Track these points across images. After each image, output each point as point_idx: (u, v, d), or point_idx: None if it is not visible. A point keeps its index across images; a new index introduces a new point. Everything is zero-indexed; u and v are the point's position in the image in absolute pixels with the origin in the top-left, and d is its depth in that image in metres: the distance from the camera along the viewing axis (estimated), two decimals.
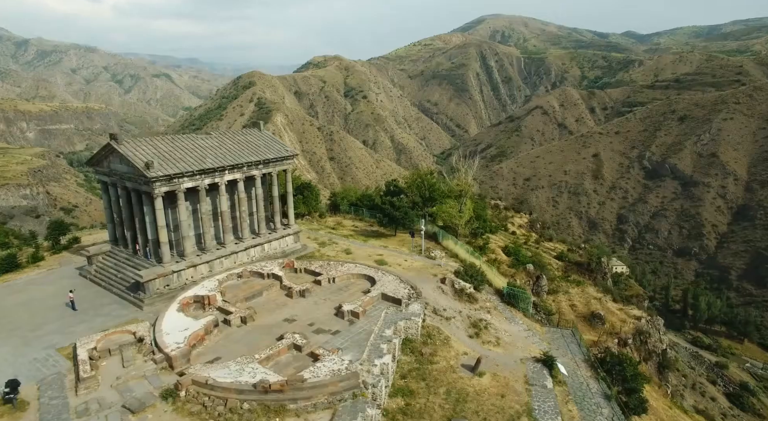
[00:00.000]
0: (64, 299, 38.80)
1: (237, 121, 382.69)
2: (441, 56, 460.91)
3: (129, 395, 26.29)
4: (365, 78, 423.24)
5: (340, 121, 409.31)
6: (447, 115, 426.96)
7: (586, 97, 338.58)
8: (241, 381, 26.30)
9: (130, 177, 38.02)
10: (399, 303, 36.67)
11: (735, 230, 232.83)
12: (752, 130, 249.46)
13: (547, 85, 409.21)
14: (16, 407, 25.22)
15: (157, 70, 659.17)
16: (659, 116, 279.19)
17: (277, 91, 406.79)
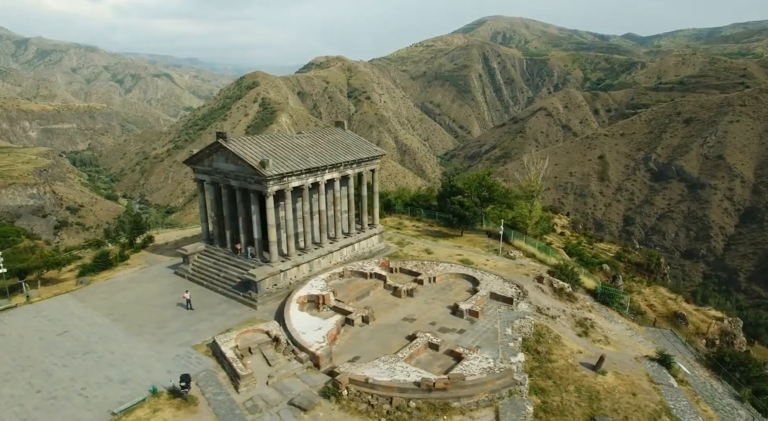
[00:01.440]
0: (170, 298, 39.28)
1: (241, 122, 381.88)
2: (443, 57, 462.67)
3: (290, 393, 26.84)
4: (368, 79, 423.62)
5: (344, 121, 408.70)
6: (450, 116, 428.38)
7: (590, 98, 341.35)
8: (400, 379, 26.84)
9: (238, 175, 38.40)
10: (509, 302, 37.35)
11: (743, 232, 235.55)
12: (758, 132, 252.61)
13: (549, 86, 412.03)
14: (188, 401, 25.61)
15: (158, 70, 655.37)
16: (664, 118, 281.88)
17: (281, 92, 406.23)
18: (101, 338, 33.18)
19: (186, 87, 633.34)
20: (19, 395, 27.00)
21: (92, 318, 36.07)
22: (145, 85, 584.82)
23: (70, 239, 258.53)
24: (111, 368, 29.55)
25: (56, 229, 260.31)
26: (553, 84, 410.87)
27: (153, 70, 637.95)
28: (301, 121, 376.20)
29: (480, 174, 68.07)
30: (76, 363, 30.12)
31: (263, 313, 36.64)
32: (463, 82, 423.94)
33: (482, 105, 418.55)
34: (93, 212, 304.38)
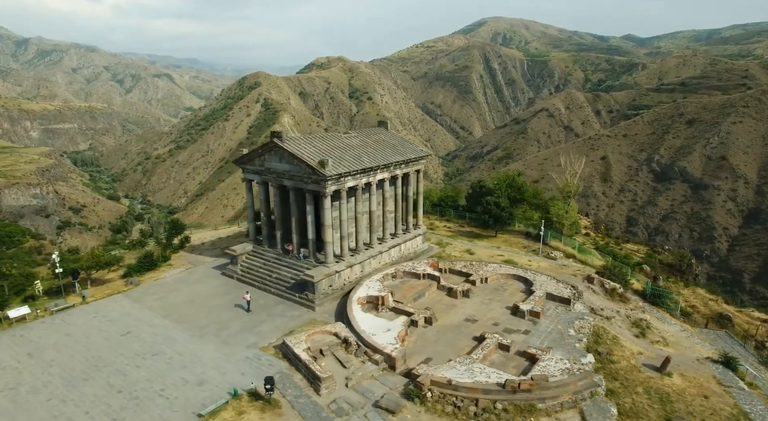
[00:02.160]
0: (223, 299, 39.24)
1: (243, 122, 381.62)
2: (444, 58, 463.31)
3: (371, 395, 26.82)
4: (369, 79, 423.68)
5: (346, 122, 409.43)
6: (451, 117, 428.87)
7: (592, 99, 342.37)
8: (482, 381, 26.83)
9: (293, 175, 38.31)
10: (566, 303, 37.41)
11: (747, 233, 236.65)
12: (762, 133, 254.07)
13: (550, 87, 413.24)
14: (271, 404, 25.52)
15: (158, 70, 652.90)
16: (667, 119, 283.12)
17: (283, 92, 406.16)
18: (165, 339, 33.03)
19: (186, 87, 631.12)
20: (102, 395, 26.89)
21: (151, 319, 35.91)
22: (146, 86, 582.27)
23: (73, 239, 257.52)
24: (184, 369, 29.42)
25: (59, 229, 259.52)
26: (554, 85, 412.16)
27: (153, 71, 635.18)
28: (303, 122, 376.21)
29: (510, 174, 68.35)
30: (147, 364, 29.99)
31: (322, 314, 36.57)
32: (464, 83, 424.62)
33: (483, 106, 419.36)
34: (95, 212, 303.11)
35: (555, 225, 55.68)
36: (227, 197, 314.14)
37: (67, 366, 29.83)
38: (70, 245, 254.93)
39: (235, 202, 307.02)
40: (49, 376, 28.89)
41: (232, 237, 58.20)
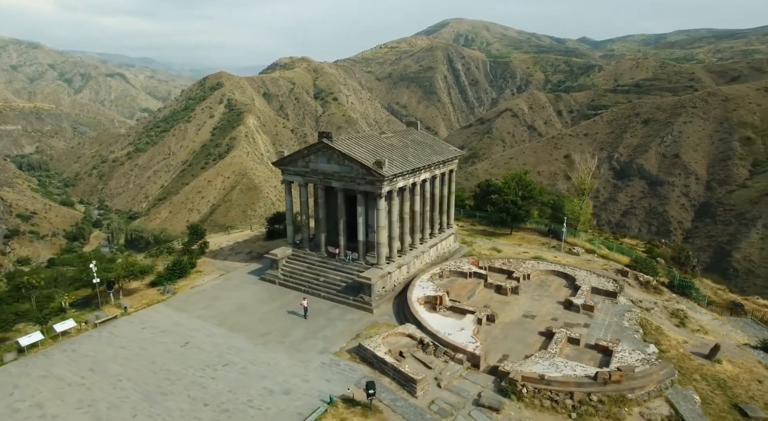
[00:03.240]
0: (272, 305, 38.70)
1: (207, 123, 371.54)
2: (408, 59, 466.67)
3: (467, 394, 27.14)
4: (334, 80, 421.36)
5: (312, 123, 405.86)
6: (416, 117, 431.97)
7: (553, 100, 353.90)
8: (570, 374, 27.52)
9: (343, 176, 37.98)
10: (612, 296, 38.87)
11: (698, 226, 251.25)
12: (709, 132, 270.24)
13: (513, 88, 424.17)
14: (371, 408, 25.32)
15: (110, 70, 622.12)
16: (624, 119, 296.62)
17: (246, 93, 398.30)
18: (230, 348, 31.99)
19: (141, 87, 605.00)
20: (188, 409, 25.82)
21: (206, 328, 34.64)
22: (97, 85, 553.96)
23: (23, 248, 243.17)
24: (264, 379, 28.62)
25: (6, 238, 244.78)
26: (516, 85, 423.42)
27: (105, 70, 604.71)
28: (269, 123, 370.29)
29: (517, 173, 69.82)
30: (222, 375, 28.98)
31: (381, 316, 36.40)
32: (429, 84, 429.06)
33: (448, 106, 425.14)
34: (47, 219, 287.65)
35: (571, 222, 57.40)
36: (192, 201, 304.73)
37: (139, 380, 28.40)
38: (20, 255, 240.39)
39: (200, 206, 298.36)
40: (122, 391, 27.43)
41: (250, 241, 56.80)
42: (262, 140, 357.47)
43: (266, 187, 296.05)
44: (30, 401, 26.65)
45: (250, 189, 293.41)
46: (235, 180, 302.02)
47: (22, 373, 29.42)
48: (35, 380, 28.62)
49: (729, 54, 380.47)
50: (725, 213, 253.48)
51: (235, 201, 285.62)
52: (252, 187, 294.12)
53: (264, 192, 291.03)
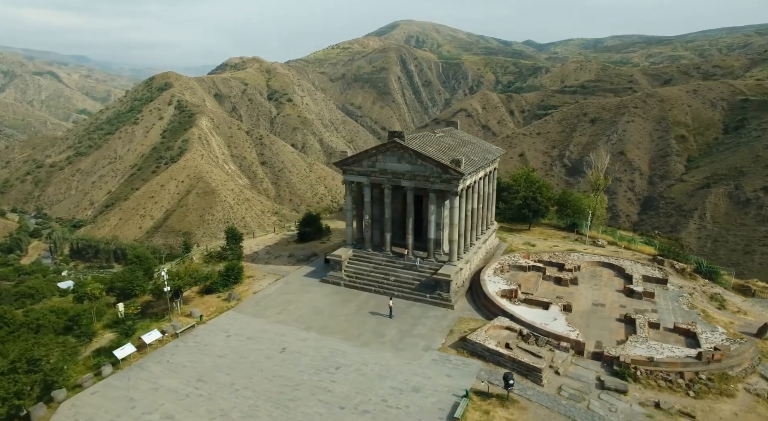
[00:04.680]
0: (349, 307, 38.78)
1: (156, 125, 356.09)
2: (361, 60, 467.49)
3: (586, 379, 28.68)
4: (288, 81, 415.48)
5: (266, 124, 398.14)
6: (371, 117, 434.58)
7: (505, 100, 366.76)
8: (674, 356, 29.63)
9: (415, 175, 38.56)
10: (662, 283, 41.80)
11: (644, 219, 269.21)
12: (649, 131, 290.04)
13: (465, 89, 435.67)
14: (508, 399, 26.21)
15: (39, 67, 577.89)
16: (573, 118, 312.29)
17: (197, 94, 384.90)
18: (331, 351, 31.74)
19: (77, 87, 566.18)
20: (327, 413, 25.62)
21: (294, 333, 34.10)
22: (24, 84, 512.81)
23: None
24: (384, 379, 28.75)
25: None
26: (468, 86, 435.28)
27: (32, 68, 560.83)
28: (223, 125, 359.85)
29: (525, 171, 72.59)
30: (340, 377, 28.84)
31: (463, 311, 37.24)
32: (383, 84, 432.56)
33: (403, 106, 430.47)
34: None
35: (588, 216, 60.60)
36: (144, 207, 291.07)
37: (258, 389, 27.68)
38: None
39: (153, 211, 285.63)
40: (246, 399, 26.67)
41: (282, 244, 55.81)
42: (217, 142, 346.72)
43: (223, 190, 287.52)
44: (157, 414, 25.40)
45: (206, 193, 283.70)
46: (190, 184, 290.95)
47: (129, 386, 27.91)
48: (148, 393, 27.24)
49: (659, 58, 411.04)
50: (666, 206, 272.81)
51: (191, 205, 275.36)
52: (209, 190, 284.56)
53: (221, 196, 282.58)
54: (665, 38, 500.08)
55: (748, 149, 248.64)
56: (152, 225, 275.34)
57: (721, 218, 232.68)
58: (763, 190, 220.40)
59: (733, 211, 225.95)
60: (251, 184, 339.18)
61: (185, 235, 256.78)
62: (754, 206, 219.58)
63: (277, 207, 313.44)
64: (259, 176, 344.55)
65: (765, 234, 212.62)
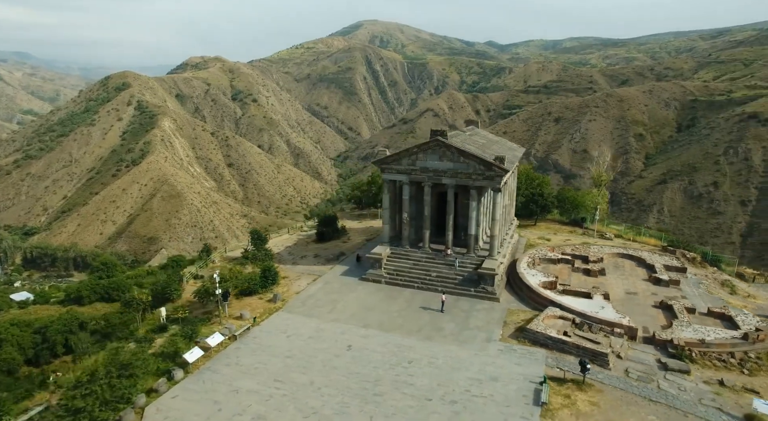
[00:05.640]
0: (396, 303, 39.17)
1: (115, 127, 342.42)
2: (326, 60, 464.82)
3: (648, 361, 30.39)
4: (253, 81, 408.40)
5: (231, 125, 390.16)
6: (338, 118, 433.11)
7: (471, 100, 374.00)
8: (721, 337, 31.86)
9: (457, 173, 39.63)
10: (683, 271, 44.50)
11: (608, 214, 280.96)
12: (610, 129, 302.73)
13: (431, 89, 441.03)
14: (584, 383, 27.52)
15: None
16: (538, 118, 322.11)
17: (158, 94, 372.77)
18: (398, 347, 32.25)
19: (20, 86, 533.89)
20: (417, 406, 26.23)
21: (354, 330, 34.40)
22: None
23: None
24: (459, 370, 29.56)
25: None
26: (433, 86, 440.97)
27: None
28: (186, 126, 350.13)
29: (525, 169, 74.93)
30: (416, 371, 29.45)
31: (509, 303, 38.51)
32: (349, 84, 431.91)
33: (369, 107, 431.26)
34: None
35: (595, 210, 63.40)
36: (105, 212, 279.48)
37: (339, 386, 27.88)
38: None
39: (116, 216, 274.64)
40: (332, 397, 26.84)
41: (301, 245, 55.55)
42: (180, 144, 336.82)
43: (190, 193, 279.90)
44: (247, 415, 25.20)
45: (172, 196, 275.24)
46: (154, 187, 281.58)
47: (207, 389, 27.46)
48: (230, 395, 26.91)
49: (615, 60, 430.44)
50: (628, 201, 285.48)
51: (156, 210, 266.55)
52: (174, 194, 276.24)
53: (188, 199, 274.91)
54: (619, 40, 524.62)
55: (699, 147, 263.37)
56: (115, 231, 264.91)
57: (677, 212, 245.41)
58: (713, 185, 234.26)
59: (687, 205, 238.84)
60: (218, 187, 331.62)
61: (150, 240, 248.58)
62: (705, 200, 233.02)
63: (245, 210, 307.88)
64: (226, 178, 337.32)
65: (716, 226, 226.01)
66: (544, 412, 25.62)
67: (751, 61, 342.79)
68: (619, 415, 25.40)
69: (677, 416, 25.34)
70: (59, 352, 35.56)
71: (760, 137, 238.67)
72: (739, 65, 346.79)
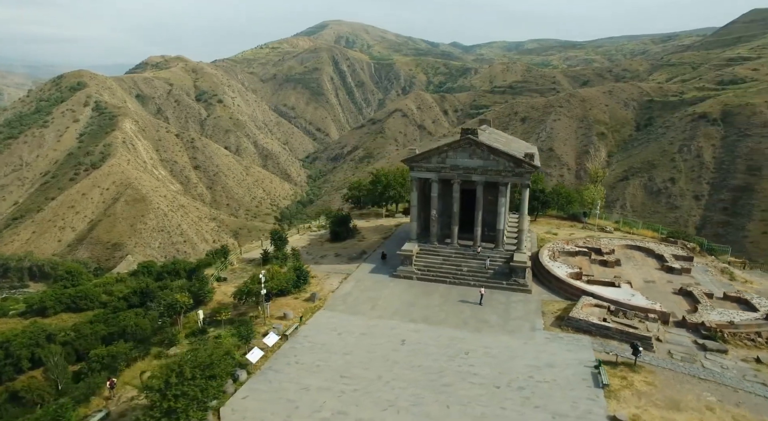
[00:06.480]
0: (432, 299, 39.81)
1: (71, 129, 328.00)
2: (292, 60, 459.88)
3: (686, 343, 32.47)
4: (217, 81, 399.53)
5: (196, 127, 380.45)
6: (306, 119, 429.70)
7: (439, 100, 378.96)
8: (744, 319, 34.40)
9: (487, 170, 40.95)
10: (690, 260, 47.33)
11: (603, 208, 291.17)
12: (573, 129, 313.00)
13: (398, 89, 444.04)
14: (636, 365, 29.28)
15: None
16: (506, 117, 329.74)
17: (117, 95, 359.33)
18: (451, 339, 33.17)
19: None
20: (489, 393, 27.32)
21: (403, 326, 35.09)
22: None
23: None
24: (515, 359, 30.76)
25: None
26: (401, 87, 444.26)
27: None
28: (150, 128, 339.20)
29: None
30: (475, 362, 30.47)
31: (540, 294, 40.18)
32: (316, 85, 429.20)
33: (337, 107, 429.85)
34: None
35: (588, 206, 66.22)
36: (64, 218, 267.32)
37: (406, 378, 28.55)
38: None
39: (75, 222, 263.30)
40: (403, 390, 27.50)
41: (315, 245, 55.66)
42: (144, 146, 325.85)
43: (155, 197, 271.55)
44: (326, 411, 25.45)
45: (136, 200, 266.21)
46: (117, 191, 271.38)
47: (276, 388, 27.49)
48: (301, 393, 27.05)
49: (575, 61, 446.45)
50: None
51: (120, 214, 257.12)
52: (139, 198, 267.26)
53: (154, 203, 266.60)
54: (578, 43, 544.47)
55: (656, 145, 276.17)
56: (74, 237, 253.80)
57: (638, 207, 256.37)
58: (670, 181, 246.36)
59: (647, 200, 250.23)
60: (185, 190, 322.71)
61: (115, 246, 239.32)
62: (664, 195, 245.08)
63: (214, 213, 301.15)
64: (193, 181, 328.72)
65: (674, 220, 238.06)
66: (607, 393, 27.09)
67: (698, 64, 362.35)
68: (676, 392, 27.17)
69: (728, 392, 27.36)
70: (24, 367, 33.94)
71: (710, 136, 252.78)
72: (688, 68, 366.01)
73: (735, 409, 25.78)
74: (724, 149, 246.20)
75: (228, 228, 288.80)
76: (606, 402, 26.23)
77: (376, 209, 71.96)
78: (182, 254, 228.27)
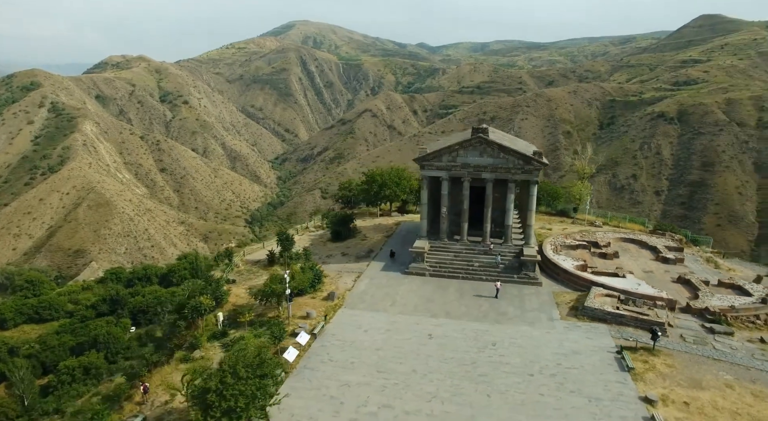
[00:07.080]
0: (451, 294, 41.12)
1: (24, 131, 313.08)
2: (259, 60, 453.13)
3: (694, 327, 34.52)
4: (182, 82, 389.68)
5: (161, 128, 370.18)
6: (274, 120, 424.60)
7: (408, 100, 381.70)
8: (743, 303, 36.85)
9: (497, 168, 42.30)
10: (680, 251, 50.03)
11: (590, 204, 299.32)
12: (541, 127, 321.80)
13: (367, 89, 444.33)
14: (654, 349, 31.01)
15: None
16: (474, 117, 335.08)
17: (75, 95, 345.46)
18: (475, 332, 34.13)
19: None
20: (524, 381, 28.44)
21: (426, 321, 35.92)
22: None
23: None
24: (540, 347, 32.00)
25: None
26: (369, 87, 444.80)
27: None
28: (112, 129, 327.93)
29: None
30: (504, 352, 31.57)
31: (550, 286, 41.73)
32: (284, 86, 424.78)
33: (305, 108, 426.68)
34: None
35: (576, 202, 68.76)
36: (19, 225, 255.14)
37: (442, 371, 29.31)
38: None
39: (32, 229, 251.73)
40: (440, 382, 28.34)
41: (318, 244, 55.68)
42: (106, 149, 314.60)
43: (120, 201, 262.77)
44: (372, 405, 25.95)
45: (100, 205, 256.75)
46: (78, 196, 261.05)
47: (316, 386, 27.73)
48: (343, 390, 27.38)
49: (539, 62, 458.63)
50: None
51: (82, 220, 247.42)
52: (102, 202, 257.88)
53: (118, 207, 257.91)
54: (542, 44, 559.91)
55: (619, 143, 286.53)
56: (32, 245, 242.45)
57: (604, 203, 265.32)
58: (633, 177, 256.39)
59: (612, 196, 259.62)
60: (151, 194, 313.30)
61: (77, 253, 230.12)
62: (627, 191, 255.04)
63: (182, 216, 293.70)
64: (159, 184, 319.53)
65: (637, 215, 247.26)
66: (633, 376, 28.62)
67: (655, 65, 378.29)
68: (695, 372, 28.98)
69: (741, 370, 29.37)
70: None
71: (668, 134, 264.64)
72: (646, 69, 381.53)
73: (752, 385, 27.75)
74: (680, 147, 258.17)
75: (197, 232, 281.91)
76: (634, 384, 27.73)
77: (369, 209, 72.37)
78: (150, 259, 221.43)
